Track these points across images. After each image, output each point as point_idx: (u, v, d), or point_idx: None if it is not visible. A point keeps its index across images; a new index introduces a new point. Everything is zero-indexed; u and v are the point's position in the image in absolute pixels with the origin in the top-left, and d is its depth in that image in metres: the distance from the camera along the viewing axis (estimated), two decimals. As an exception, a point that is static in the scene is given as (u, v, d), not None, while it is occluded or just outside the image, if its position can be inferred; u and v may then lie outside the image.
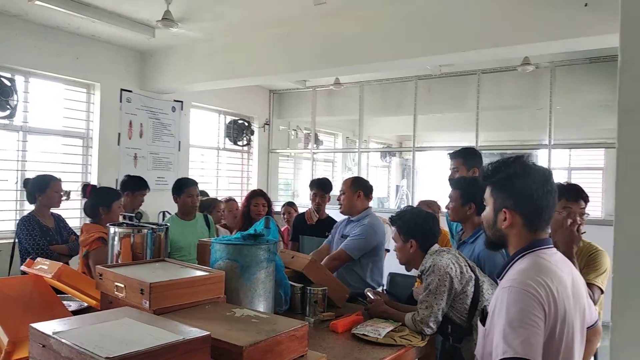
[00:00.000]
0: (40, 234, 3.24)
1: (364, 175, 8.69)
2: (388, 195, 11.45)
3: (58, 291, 2.10)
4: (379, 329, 2.04)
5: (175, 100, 6.36)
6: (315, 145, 8.31)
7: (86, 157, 5.60)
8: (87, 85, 5.54)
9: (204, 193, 5.04)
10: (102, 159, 5.56)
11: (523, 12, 3.69)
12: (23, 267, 2.08)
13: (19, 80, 4.91)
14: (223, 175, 7.35)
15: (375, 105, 7.36)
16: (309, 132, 8.12)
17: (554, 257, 1.40)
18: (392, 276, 3.48)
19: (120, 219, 2.63)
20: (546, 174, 1.41)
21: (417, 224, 2.27)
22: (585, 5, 3.53)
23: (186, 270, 1.95)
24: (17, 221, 3.33)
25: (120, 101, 5.75)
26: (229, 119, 7.36)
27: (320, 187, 3.69)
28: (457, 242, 2.56)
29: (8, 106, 4.73)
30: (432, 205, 3.59)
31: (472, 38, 3.91)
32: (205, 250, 2.38)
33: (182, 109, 6.46)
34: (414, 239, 2.25)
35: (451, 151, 3.07)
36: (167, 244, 2.58)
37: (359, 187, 3.05)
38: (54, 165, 5.24)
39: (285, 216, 4.21)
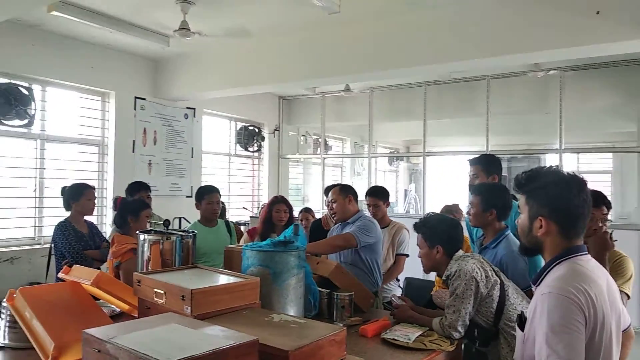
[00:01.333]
0: (75, 239, 3.33)
1: (372, 180, 8.74)
2: (396, 199, 11.48)
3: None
4: (409, 334, 2.09)
5: (187, 108, 6.43)
6: (325, 151, 8.38)
7: (102, 164, 5.67)
8: (102, 93, 5.62)
9: None
10: (117, 166, 5.63)
11: (535, 20, 3.75)
12: (60, 275, 2.13)
13: (37, 89, 4.99)
14: (234, 181, 7.41)
15: (385, 111, 7.41)
16: (318, 137, 8.18)
17: (590, 264, 1.44)
18: (409, 280, 3.52)
19: (148, 226, 2.68)
20: (581, 183, 1.46)
21: (443, 231, 2.31)
22: (597, 13, 3.58)
23: (220, 276, 2.00)
24: (54, 227, 3.45)
25: (135, 109, 5.82)
26: (239, 125, 7.43)
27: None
28: (478, 248, 2.60)
29: (26, 115, 4.80)
30: (455, 210, 3.64)
31: (483, 46, 3.97)
32: (232, 256, 2.43)
33: (194, 116, 6.53)
34: (440, 245, 2.29)
35: (471, 157, 3.11)
36: (195, 250, 2.64)
37: (347, 193, 3.15)
38: (71, 173, 5.32)
39: (303, 222, 4.26)
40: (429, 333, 2.15)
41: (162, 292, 1.79)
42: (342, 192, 3.10)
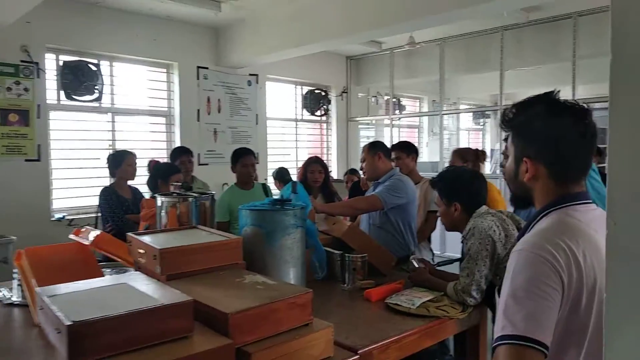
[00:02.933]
0: (117, 204, 3.47)
1: (454, 140, 8.23)
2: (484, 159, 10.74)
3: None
4: (414, 299, 1.88)
5: (250, 75, 6.44)
6: (397, 111, 8.03)
7: (170, 134, 5.90)
8: (166, 65, 5.79)
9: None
10: (183, 135, 5.82)
11: None
12: (71, 235, 2.20)
13: (104, 64, 5.26)
14: (302, 147, 7.37)
15: (460, 64, 6.86)
16: (390, 97, 7.83)
17: (588, 215, 1.14)
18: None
19: (171, 189, 2.69)
20: (579, 112, 1.15)
21: (461, 185, 2.04)
22: None
23: (210, 236, 1.93)
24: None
25: (198, 78, 5.94)
26: (305, 89, 7.32)
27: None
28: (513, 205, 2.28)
29: (95, 90, 5.10)
30: (466, 154, 3.24)
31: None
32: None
33: (257, 82, 6.53)
34: (457, 202, 2.03)
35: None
36: (213, 212, 2.61)
37: (376, 150, 2.90)
38: (141, 143, 5.61)
39: (348, 184, 4.10)
40: (440, 298, 1.92)
41: (142, 252, 1.76)
42: (371, 150, 2.87)
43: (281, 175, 5.02)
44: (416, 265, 2.21)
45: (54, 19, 4.75)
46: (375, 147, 2.91)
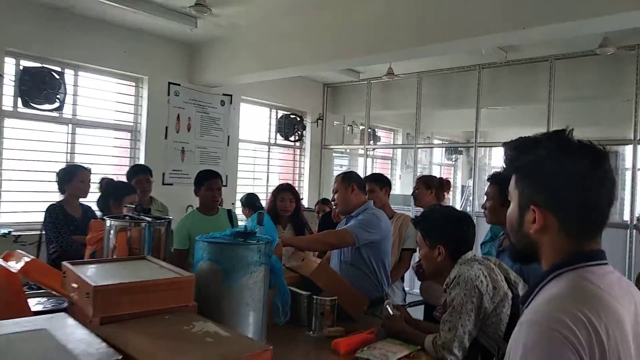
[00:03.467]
0: (64, 223, 3.16)
1: (426, 174, 8.16)
2: (454, 196, 10.77)
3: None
4: (388, 354, 1.66)
5: (224, 94, 6.23)
6: (372, 142, 7.93)
7: (134, 151, 5.60)
8: (135, 78, 5.53)
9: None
10: (149, 152, 5.53)
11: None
12: (-1, 260, 1.91)
13: (69, 73, 4.97)
14: (274, 172, 7.15)
15: (436, 98, 6.83)
16: (365, 127, 7.74)
17: (606, 280, 0.96)
18: (428, 284, 3.03)
19: (125, 211, 2.43)
20: (597, 154, 0.98)
21: (448, 227, 1.85)
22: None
23: (159, 271, 1.68)
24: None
25: (169, 94, 5.70)
26: (280, 113, 7.15)
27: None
28: (497, 249, 2.11)
29: (56, 99, 4.79)
30: (430, 181, 3.12)
31: (541, 11, 3.33)
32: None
33: (231, 103, 6.33)
34: (442, 245, 1.84)
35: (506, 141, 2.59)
36: (169, 239, 2.36)
37: (350, 181, 2.68)
38: (102, 158, 5.29)
39: (319, 215, 3.90)
40: (418, 354, 1.71)
41: (76, 286, 1.50)
42: (344, 181, 2.67)
43: (251, 201, 4.79)
44: (391, 312, 2.00)
45: (16, 21, 4.45)
46: (349, 179, 2.70)
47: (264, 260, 1.76)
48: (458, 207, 10.03)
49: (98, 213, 3.06)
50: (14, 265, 1.78)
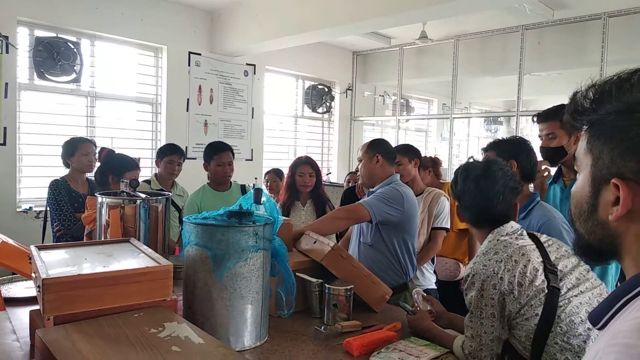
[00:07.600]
0: (67, 200, 2.98)
1: (463, 147, 7.71)
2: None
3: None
4: (409, 358, 1.37)
5: (247, 64, 5.94)
6: (405, 113, 7.52)
7: (155, 124, 5.41)
8: (154, 48, 5.30)
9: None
10: (170, 125, 5.34)
11: None
12: (-29, 242, 1.71)
13: (85, 43, 4.78)
14: (301, 145, 6.86)
15: (474, 64, 6.34)
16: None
17: None
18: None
19: (121, 186, 2.20)
20: None
21: (474, 197, 1.51)
22: None
23: (137, 258, 1.43)
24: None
25: (189, 65, 5.45)
26: (307, 84, 6.81)
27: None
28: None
29: (72, 70, 4.61)
30: (425, 161, 2.85)
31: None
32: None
33: (254, 73, 6.03)
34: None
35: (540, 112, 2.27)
36: (168, 217, 2.12)
37: (376, 151, 2.32)
38: (122, 132, 5.13)
39: (350, 184, 3.57)
40: (445, 358, 1.41)
41: (34, 276, 1.27)
42: (370, 150, 2.33)
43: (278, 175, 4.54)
44: (418, 305, 1.69)
45: (27, -12, 4.27)
46: (376, 147, 2.34)
47: (262, 244, 1.48)
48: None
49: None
50: (-18, 249, 1.57)
